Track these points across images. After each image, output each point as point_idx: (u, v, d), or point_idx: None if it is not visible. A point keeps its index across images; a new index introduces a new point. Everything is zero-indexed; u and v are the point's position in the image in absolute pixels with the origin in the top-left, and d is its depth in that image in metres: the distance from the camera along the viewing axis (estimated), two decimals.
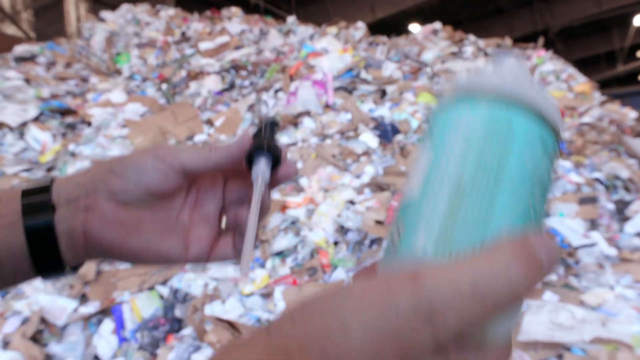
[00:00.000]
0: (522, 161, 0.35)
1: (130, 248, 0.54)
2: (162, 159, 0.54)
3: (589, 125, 5.20)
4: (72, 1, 11.74)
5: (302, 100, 5.75)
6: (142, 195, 0.54)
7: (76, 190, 0.53)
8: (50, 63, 7.02)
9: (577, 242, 3.45)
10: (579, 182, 4.20)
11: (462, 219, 0.34)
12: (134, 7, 9.01)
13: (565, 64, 7.25)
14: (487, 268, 0.30)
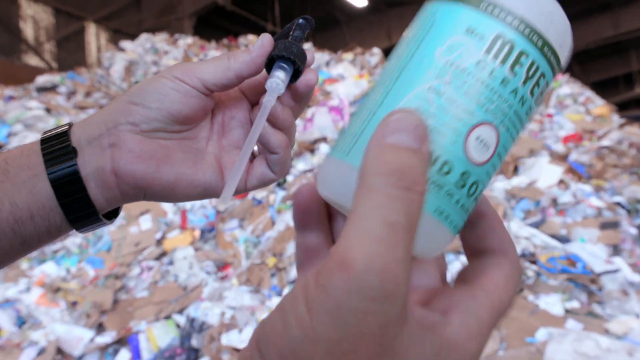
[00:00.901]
0: (431, 45, 0.31)
1: (163, 179, 0.52)
2: (180, 78, 0.51)
3: (609, 149, 5.13)
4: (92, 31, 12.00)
5: (318, 126, 5.77)
6: (166, 121, 0.51)
7: (97, 129, 0.51)
8: (70, 92, 7.15)
9: (600, 268, 3.37)
10: (600, 206, 4.13)
11: (358, 112, 0.33)
12: (152, 36, 9.18)
13: (583, 87, 7.21)
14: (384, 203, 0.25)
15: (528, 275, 3.44)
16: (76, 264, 4.55)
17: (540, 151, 5.08)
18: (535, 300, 3.18)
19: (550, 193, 4.36)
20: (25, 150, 0.51)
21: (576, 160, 4.93)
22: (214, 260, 4.44)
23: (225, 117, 0.57)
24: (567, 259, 3.46)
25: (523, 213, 4.23)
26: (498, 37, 0.31)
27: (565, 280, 3.32)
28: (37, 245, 0.51)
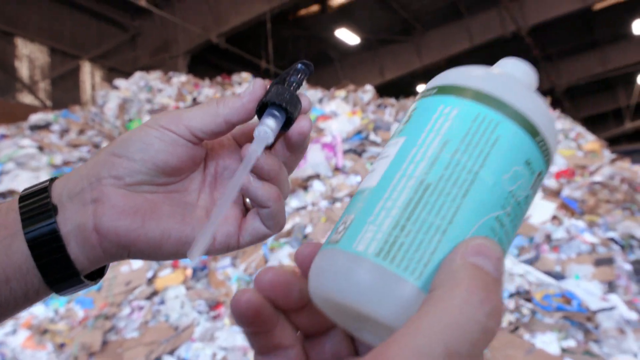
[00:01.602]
0: (500, 170, 0.32)
1: (149, 236, 0.48)
2: (166, 127, 0.48)
3: (601, 184, 5.15)
4: (87, 70, 12.10)
5: (311, 163, 5.78)
6: (152, 173, 0.48)
7: (79, 184, 0.47)
8: (64, 130, 7.16)
9: (596, 306, 3.35)
10: (594, 242, 4.13)
11: (418, 221, 0.31)
12: (147, 74, 9.25)
13: (574, 123, 7.28)
14: (454, 325, 0.26)
15: (523, 313, 3.40)
16: (65, 305, 4.47)
17: None
18: (532, 339, 3.14)
19: (544, 229, 4.36)
20: (3, 208, 0.48)
21: (569, 195, 4.94)
22: (206, 300, 4.38)
23: (218, 167, 0.54)
24: (562, 297, 3.43)
25: (517, 249, 4.21)
26: (539, 174, 0.34)
27: (561, 318, 3.28)
28: (13, 311, 0.47)
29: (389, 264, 0.30)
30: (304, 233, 4.82)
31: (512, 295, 3.60)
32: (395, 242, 0.30)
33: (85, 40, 11.99)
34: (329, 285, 0.32)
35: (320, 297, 0.33)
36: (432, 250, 0.30)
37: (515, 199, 0.32)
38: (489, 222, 0.31)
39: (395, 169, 0.33)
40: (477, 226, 0.31)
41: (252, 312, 0.35)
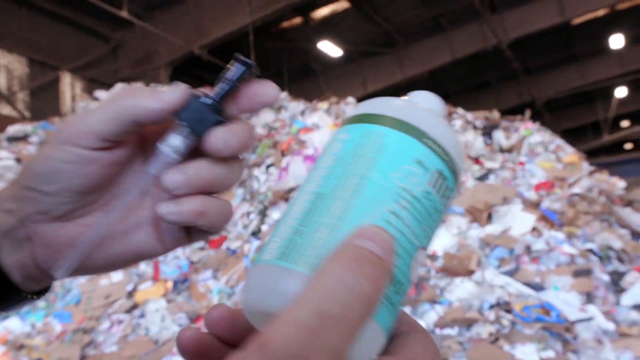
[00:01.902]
0: (388, 169, 0.35)
1: (94, 263, 0.45)
2: (70, 143, 0.42)
3: (580, 196, 5.22)
4: (67, 81, 12.00)
5: (293, 175, 5.78)
6: (76, 200, 0.43)
7: (8, 220, 0.44)
8: (42, 142, 7.08)
9: (574, 317, 3.38)
10: (573, 253, 4.17)
11: (311, 224, 0.34)
12: (128, 85, 9.20)
13: (553, 135, 7.37)
14: (324, 289, 0.26)
15: (503, 324, 3.42)
16: (42, 319, 4.40)
17: (513, 199, 5.14)
18: (511, 350, 3.15)
19: (524, 241, 4.39)
20: None
21: (548, 207, 4.99)
22: (187, 313, 4.34)
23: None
24: (542, 308, 3.46)
25: (497, 261, 4.24)
26: (438, 172, 0.36)
27: (540, 329, 3.30)
28: None
29: (285, 263, 0.33)
30: None
31: (492, 306, 3.62)
32: (292, 245, 0.34)
33: (65, 51, 11.89)
34: (248, 297, 0.35)
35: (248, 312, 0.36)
36: (323, 244, 0.33)
37: (410, 193, 0.35)
38: (382, 215, 0.34)
39: (299, 191, 0.37)
40: (371, 219, 0.33)
41: (193, 348, 0.36)
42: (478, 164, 6.25)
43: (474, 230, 4.73)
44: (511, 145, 6.83)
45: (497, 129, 7.12)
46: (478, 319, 3.50)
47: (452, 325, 3.53)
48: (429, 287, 3.92)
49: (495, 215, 4.95)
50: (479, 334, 3.40)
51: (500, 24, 13.20)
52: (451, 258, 4.23)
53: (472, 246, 4.43)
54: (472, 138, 6.72)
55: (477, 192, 5.32)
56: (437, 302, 3.77)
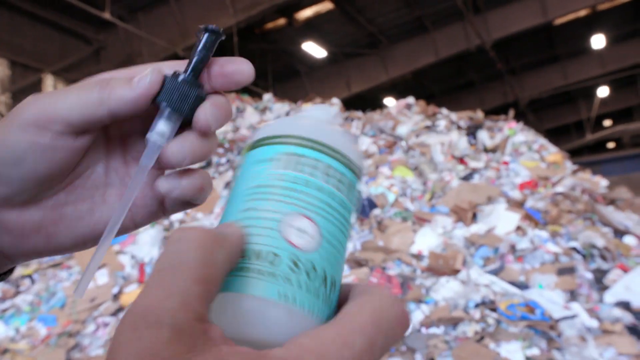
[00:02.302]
0: (246, 175, 0.40)
1: (60, 244, 0.44)
2: (37, 125, 0.39)
3: (563, 195, 5.27)
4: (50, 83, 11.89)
5: None
6: (39, 186, 0.41)
7: None
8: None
9: (558, 314, 3.41)
10: (557, 251, 4.21)
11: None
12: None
13: (537, 135, 7.44)
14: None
15: (489, 323, 3.44)
16: (26, 323, 4.36)
17: (498, 198, 5.18)
18: (497, 348, 3.18)
19: (509, 239, 4.43)
20: None
21: (532, 206, 5.03)
22: None
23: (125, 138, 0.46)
24: (527, 306, 3.48)
25: (482, 260, 4.27)
26: (319, 160, 0.39)
27: (525, 327, 3.33)
28: None
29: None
30: None
31: (477, 305, 3.65)
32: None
33: (47, 53, 11.78)
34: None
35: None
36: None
37: (257, 185, 0.38)
38: (239, 212, 0.38)
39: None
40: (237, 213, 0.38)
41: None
42: (462, 164, 6.29)
43: (459, 229, 4.76)
44: (495, 145, 6.88)
45: (481, 128, 7.17)
46: (464, 318, 3.52)
47: (438, 325, 3.54)
48: (414, 286, 3.94)
49: (480, 215, 4.98)
50: (464, 333, 3.42)
51: (484, 25, 13.30)
52: (436, 257, 4.26)
53: (457, 245, 4.45)
54: (456, 138, 6.76)
55: (461, 191, 5.35)
56: (423, 301, 3.79)
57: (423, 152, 6.36)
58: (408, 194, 5.52)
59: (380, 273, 4.04)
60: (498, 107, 16.60)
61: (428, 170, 6.03)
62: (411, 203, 5.35)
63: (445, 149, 6.47)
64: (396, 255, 4.34)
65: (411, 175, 5.82)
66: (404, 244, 4.54)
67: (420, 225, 4.82)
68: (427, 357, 3.26)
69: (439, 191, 5.60)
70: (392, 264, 4.23)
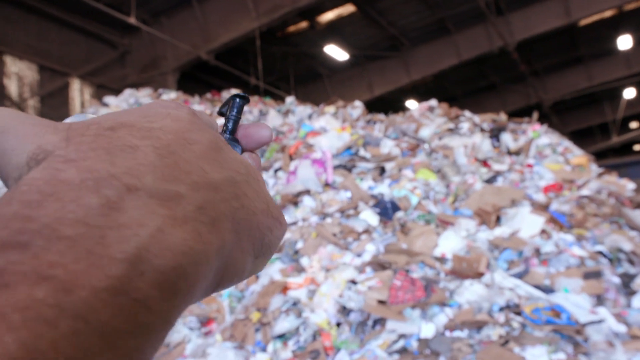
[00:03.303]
0: None
1: None
2: None
3: (588, 198, 5.21)
4: (77, 87, 12.08)
5: (301, 179, 5.80)
6: None
7: None
8: None
9: (585, 319, 3.37)
10: (582, 255, 4.16)
11: None
12: (136, 91, 9.26)
13: (561, 137, 7.36)
14: None
15: (513, 326, 3.42)
16: None
17: (522, 201, 5.14)
18: (522, 352, 3.15)
19: (533, 243, 4.39)
20: None
21: (557, 209, 4.99)
22: (197, 316, 4.37)
23: None
24: (552, 310, 3.45)
25: (506, 263, 4.24)
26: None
27: (550, 332, 3.30)
28: None
29: None
30: (295, 248, 4.83)
31: (502, 308, 3.63)
32: None
33: (74, 57, 11.99)
34: None
35: None
36: None
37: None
38: None
39: None
40: None
41: None
42: (486, 167, 6.25)
43: (482, 232, 4.73)
44: (519, 148, 6.82)
45: (504, 131, 7.12)
46: (488, 321, 3.50)
47: (462, 328, 3.53)
48: (438, 289, 3.93)
49: (504, 218, 4.94)
50: (489, 337, 3.40)
51: (507, 26, 13.21)
52: (460, 260, 4.24)
53: (480, 248, 4.43)
54: (479, 140, 6.72)
55: (485, 194, 5.32)
56: (447, 304, 3.78)
57: (446, 154, 6.33)
58: (431, 197, 5.50)
59: (403, 276, 4.03)
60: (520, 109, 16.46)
61: (451, 173, 6.00)
62: (434, 206, 5.34)
63: (468, 152, 6.44)
64: (419, 258, 4.33)
65: (434, 178, 5.80)
66: (428, 247, 4.53)
67: (444, 228, 4.81)
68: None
69: (462, 194, 5.57)
70: (416, 267, 4.23)
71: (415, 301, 3.81)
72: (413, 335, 3.55)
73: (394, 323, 3.66)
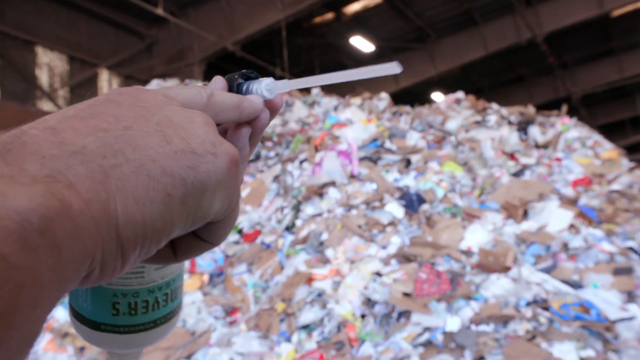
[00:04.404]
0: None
1: None
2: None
3: (619, 193, 5.12)
4: (105, 77, 12.23)
5: (327, 170, 5.80)
6: None
7: None
8: None
9: (615, 316, 3.32)
10: (612, 251, 4.09)
11: None
12: (163, 81, 9.33)
13: (591, 131, 7.23)
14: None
15: (541, 322, 3.38)
16: None
17: (550, 195, 5.07)
18: (549, 348, 3.12)
19: (561, 237, 4.33)
20: None
21: (586, 204, 4.91)
22: (223, 305, 4.41)
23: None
24: (581, 306, 3.41)
25: (534, 258, 4.20)
26: None
27: (579, 328, 3.26)
28: None
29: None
30: (320, 240, 4.83)
31: (529, 303, 3.59)
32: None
33: (103, 48, 12.14)
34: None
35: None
36: None
37: None
38: None
39: None
40: None
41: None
42: (513, 160, 6.17)
43: (509, 226, 4.68)
44: (547, 141, 6.72)
45: (532, 124, 7.02)
46: (515, 316, 3.47)
47: (487, 322, 3.51)
48: (464, 283, 3.90)
49: (531, 212, 4.88)
50: (515, 331, 3.37)
51: (535, 18, 12.98)
52: (487, 254, 4.20)
53: (507, 242, 4.39)
54: (507, 133, 6.64)
55: (512, 188, 5.26)
56: (473, 298, 3.75)
57: (473, 147, 6.27)
58: (457, 190, 5.46)
59: (429, 269, 4.02)
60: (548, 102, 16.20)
61: (477, 165, 5.95)
62: (460, 199, 5.29)
63: (495, 145, 6.36)
64: (445, 251, 4.30)
65: (460, 170, 5.75)
66: (453, 240, 4.50)
67: (470, 222, 4.77)
68: (476, 354, 3.24)
69: (489, 187, 5.52)
70: (441, 260, 4.20)
71: (440, 294, 3.79)
72: (438, 328, 3.54)
73: (419, 316, 3.65)
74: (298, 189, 5.75)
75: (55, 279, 0.26)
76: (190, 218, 0.34)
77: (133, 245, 0.31)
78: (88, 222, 0.28)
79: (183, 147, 0.34)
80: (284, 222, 5.39)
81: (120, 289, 0.43)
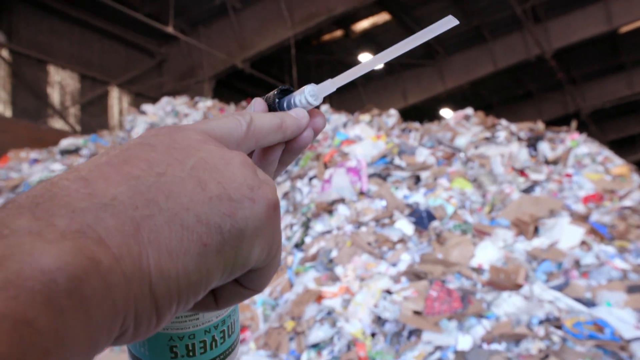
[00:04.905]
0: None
1: None
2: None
3: (631, 209, 5.07)
4: (115, 95, 12.35)
5: (336, 187, 5.79)
6: None
7: None
8: (92, 154, 7.29)
9: (630, 335, 3.27)
10: (625, 268, 4.05)
11: None
12: (173, 99, 9.41)
13: (601, 146, 7.19)
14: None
15: (554, 341, 3.34)
16: None
17: (560, 211, 5.03)
18: None
19: (573, 254, 4.29)
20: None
21: (598, 220, 4.86)
22: None
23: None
24: (594, 324, 3.36)
25: (545, 275, 4.15)
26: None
27: (593, 347, 3.21)
28: None
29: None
30: (329, 257, 4.81)
31: (541, 321, 3.54)
32: None
33: (113, 66, 12.28)
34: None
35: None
36: None
37: None
38: None
39: None
40: None
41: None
42: (523, 176, 6.14)
43: (520, 243, 4.64)
44: (557, 157, 6.69)
45: (542, 140, 6.99)
46: (527, 335, 3.42)
47: (499, 341, 3.46)
48: (475, 300, 3.86)
49: (542, 228, 4.85)
50: (527, 350, 3.33)
51: (544, 34, 13.00)
52: (498, 271, 4.17)
53: (518, 259, 4.35)
54: (516, 150, 6.61)
55: (522, 204, 5.23)
56: (484, 316, 3.71)
57: (482, 163, 6.25)
58: (467, 206, 5.43)
59: (439, 286, 3.98)
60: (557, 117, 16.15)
61: (487, 182, 5.92)
62: (470, 215, 5.26)
63: (505, 161, 6.34)
64: (456, 269, 4.27)
65: (470, 187, 5.73)
66: (464, 257, 4.47)
67: (480, 239, 4.74)
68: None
69: (499, 204, 5.49)
70: (452, 277, 4.17)
71: (451, 312, 3.76)
72: (449, 347, 3.50)
73: (429, 334, 3.61)
74: (307, 205, 5.74)
75: (84, 341, 0.25)
76: (228, 268, 0.33)
77: (168, 301, 0.30)
78: (119, 279, 0.27)
79: (219, 192, 0.33)
80: (293, 239, 5.38)
81: (177, 333, 0.42)
